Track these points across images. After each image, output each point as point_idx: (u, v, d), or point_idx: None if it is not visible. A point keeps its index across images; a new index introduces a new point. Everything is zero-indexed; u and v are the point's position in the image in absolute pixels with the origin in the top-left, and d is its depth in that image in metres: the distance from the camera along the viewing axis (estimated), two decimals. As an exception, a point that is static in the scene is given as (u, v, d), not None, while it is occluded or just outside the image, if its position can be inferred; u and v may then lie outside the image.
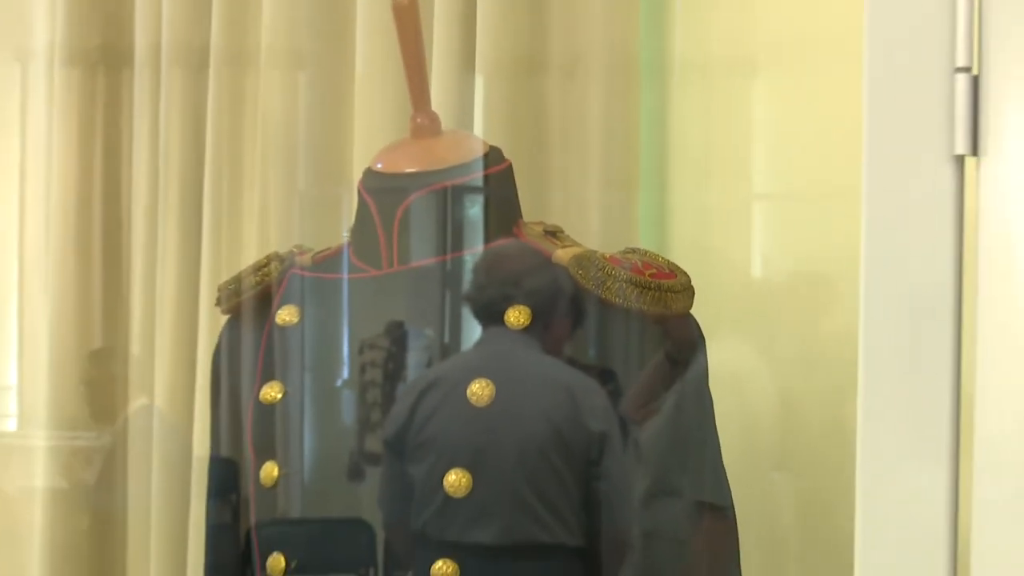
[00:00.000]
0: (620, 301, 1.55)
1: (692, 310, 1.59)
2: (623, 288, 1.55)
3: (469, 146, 1.72)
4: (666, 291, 1.56)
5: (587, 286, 1.56)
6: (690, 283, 1.59)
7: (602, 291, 1.55)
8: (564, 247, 1.62)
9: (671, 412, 1.58)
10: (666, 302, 1.56)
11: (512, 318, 1.58)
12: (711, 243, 1.93)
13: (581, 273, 1.57)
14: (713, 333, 1.60)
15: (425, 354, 1.67)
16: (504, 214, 1.69)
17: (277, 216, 2.06)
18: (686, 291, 1.58)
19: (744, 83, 1.93)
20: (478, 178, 1.68)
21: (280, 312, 1.68)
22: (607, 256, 1.59)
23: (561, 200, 1.91)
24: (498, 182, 1.69)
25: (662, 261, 1.61)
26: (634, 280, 1.55)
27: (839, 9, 1.31)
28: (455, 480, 1.54)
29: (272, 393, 1.65)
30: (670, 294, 1.56)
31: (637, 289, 1.55)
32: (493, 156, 1.70)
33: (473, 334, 1.63)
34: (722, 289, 1.82)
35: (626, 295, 1.55)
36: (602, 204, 1.90)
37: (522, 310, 1.59)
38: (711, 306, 1.63)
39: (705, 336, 1.59)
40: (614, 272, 1.56)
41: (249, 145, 2.14)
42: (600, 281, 1.56)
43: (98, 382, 2.28)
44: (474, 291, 1.64)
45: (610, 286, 1.55)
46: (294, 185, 2.07)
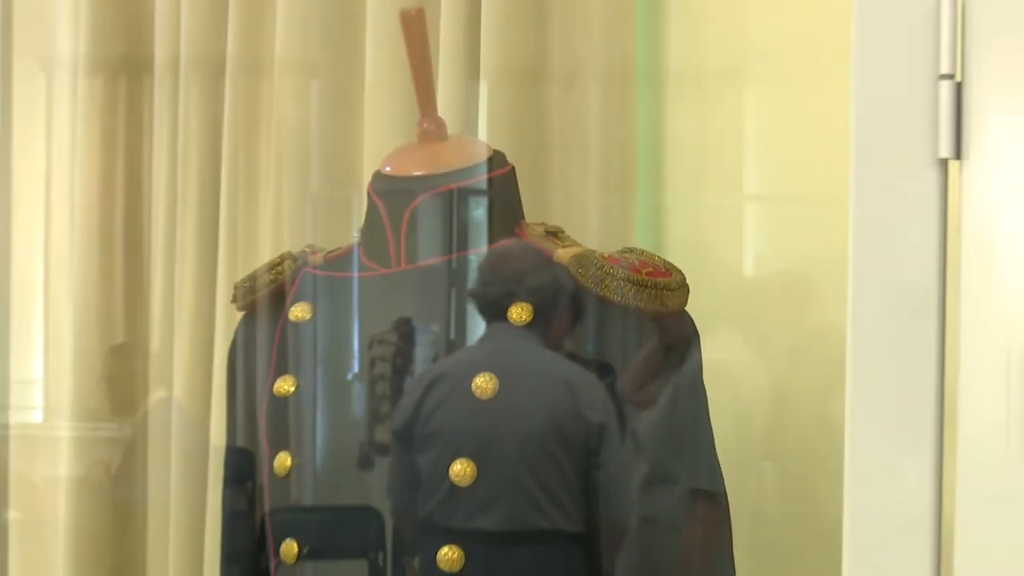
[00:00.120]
0: (618, 298, 1.55)
1: (687, 307, 1.59)
2: (621, 286, 1.55)
3: (474, 150, 1.72)
4: (662, 289, 1.56)
5: (587, 284, 1.56)
6: (685, 281, 1.59)
7: (601, 289, 1.55)
8: (564, 247, 1.62)
9: (667, 404, 1.58)
10: (662, 299, 1.56)
11: (515, 315, 1.58)
12: (705, 243, 1.93)
13: (581, 272, 1.56)
14: (707, 329, 1.60)
15: (432, 349, 1.67)
16: (507, 215, 1.68)
17: (290, 217, 2.06)
18: (681, 289, 1.58)
19: (736, 90, 1.93)
20: (482, 181, 1.67)
21: (293, 309, 1.68)
22: (606, 255, 1.58)
23: (561, 202, 1.91)
24: (501, 185, 1.69)
25: (658, 260, 1.61)
26: (632, 278, 1.55)
27: (827, 19, 1.30)
28: (460, 470, 1.54)
29: (285, 386, 1.65)
30: (666, 292, 1.56)
31: (634, 287, 1.55)
32: (497, 160, 1.69)
33: (477, 330, 1.63)
34: (715, 287, 1.81)
35: (624, 293, 1.54)
36: (601, 205, 1.90)
37: (524, 307, 1.58)
38: (705, 303, 1.62)
39: (699, 332, 1.59)
40: (612, 271, 1.55)
41: (264, 150, 2.14)
42: (599, 279, 1.55)
43: (119, 376, 2.28)
44: (478, 289, 1.64)
45: (609, 284, 1.55)
46: (306, 188, 2.07)
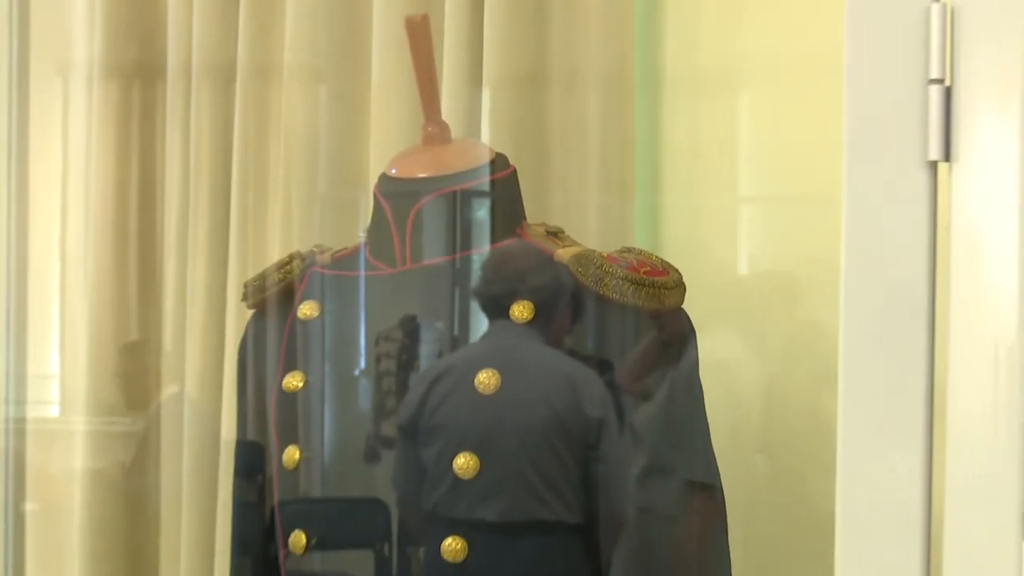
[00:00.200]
0: (617, 297, 1.55)
1: (683, 305, 1.58)
2: (620, 285, 1.54)
3: (477, 153, 1.72)
4: (660, 287, 1.56)
5: (586, 283, 1.56)
6: (682, 280, 1.59)
7: (600, 287, 1.55)
8: (565, 247, 1.61)
9: (665, 399, 1.58)
10: (660, 298, 1.55)
11: (517, 312, 1.58)
12: (701, 243, 1.93)
13: (581, 271, 1.56)
14: (703, 326, 1.59)
15: (436, 346, 1.66)
16: (509, 216, 1.68)
17: (299, 218, 2.06)
18: (678, 287, 1.58)
19: (731, 94, 1.93)
20: (485, 183, 1.67)
21: (302, 307, 1.68)
22: (605, 255, 1.58)
23: (562, 203, 1.91)
24: (503, 186, 1.69)
25: (656, 259, 1.61)
26: (630, 277, 1.55)
27: (820, 25, 1.30)
28: (464, 463, 1.54)
29: (294, 382, 1.65)
30: (663, 290, 1.56)
31: (633, 286, 1.54)
32: (499, 162, 1.69)
33: (480, 327, 1.62)
34: (711, 286, 1.81)
35: (623, 291, 1.54)
36: (600, 206, 1.90)
37: (526, 305, 1.58)
38: (701, 301, 1.62)
39: (695, 329, 1.59)
40: (611, 270, 1.55)
41: (273, 153, 2.13)
42: (598, 278, 1.55)
43: (133, 372, 2.28)
44: (481, 287, 1.64)
45: (608, 283, 1.55)
46: (314, 189, 2.07)
